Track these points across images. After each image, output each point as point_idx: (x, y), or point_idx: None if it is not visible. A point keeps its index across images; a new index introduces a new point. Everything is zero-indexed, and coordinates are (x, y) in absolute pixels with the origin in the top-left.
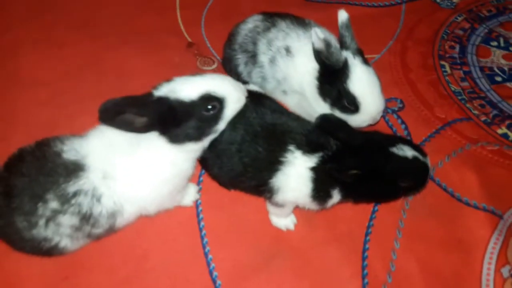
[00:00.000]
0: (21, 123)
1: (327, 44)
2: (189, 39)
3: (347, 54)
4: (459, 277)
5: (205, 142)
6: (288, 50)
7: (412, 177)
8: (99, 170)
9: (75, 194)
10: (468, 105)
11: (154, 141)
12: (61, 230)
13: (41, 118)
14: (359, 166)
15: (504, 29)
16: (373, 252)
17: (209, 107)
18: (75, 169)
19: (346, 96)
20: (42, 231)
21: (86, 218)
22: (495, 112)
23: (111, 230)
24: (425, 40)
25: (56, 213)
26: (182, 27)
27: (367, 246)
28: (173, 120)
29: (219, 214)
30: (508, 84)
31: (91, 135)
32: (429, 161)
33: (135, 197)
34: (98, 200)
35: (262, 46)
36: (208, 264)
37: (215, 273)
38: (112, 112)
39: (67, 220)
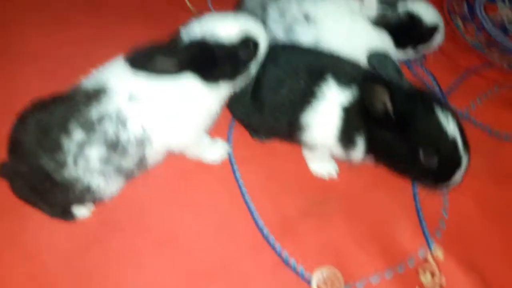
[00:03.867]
0: (26, 96)
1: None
2: (195, 11)
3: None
4: None
5: (238, 81)
6: (306, 17)
7: (437, 154)
8: (124, 91)
9: (99, 119)
10: (487, 53)
11: (184, 76)
12: (91, 166)
13: (46, 90)
14: (394, 103)
15: None
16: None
17: (245, 49)
18: (96, 94)
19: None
20: (73, 170)
21: (113, 146)
22: None
23: (142, 164)
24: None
25: (82, 145)
26: (189, 5)
27: (415, 185)
28: (209, 62)
29: (255, 167)
30: None
31: (112, 61)
32: (466, 161)
33: (161, 123)
34: (124, 124)
35: (273, 13)
36: (253, 215)
37: (260, 223)
38: (142, 59)
39: (95, 152)
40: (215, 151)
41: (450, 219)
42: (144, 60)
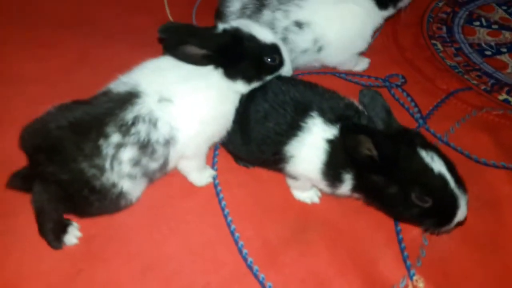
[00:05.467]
0: (15, 119)
1: None
2: None
3: None
4: (493, 233)
5: (251, 86)
6: (299, 24)
7: (428, 194)
8: (154, 93)
9: (134, 121)
10: (466, 76)
11: (207, 74)
12: (122, 169)
13: (36, 114)
14: (377, 148)
15: (483, 10)
16: None
17: (272, 57)
18: (130, 98)
19: None
20: (110, 175)
21: (144, 146)
22: (492, 81)
23: (164, 166)
24: (412, 23)
25: (118, 148)
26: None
27: None
28: (235, 54)
29: (239, 192)
30: (498, 57)
31: (139, 67)
32: (464, 200)
33: (187, 124)
34: (155, 125)
35: None
36: (236, 243)
37: (245, 251)
38: (175, 41)
39: (127, 154)
40: (201, 176)
41: (430, 246)
42: (176, 43)
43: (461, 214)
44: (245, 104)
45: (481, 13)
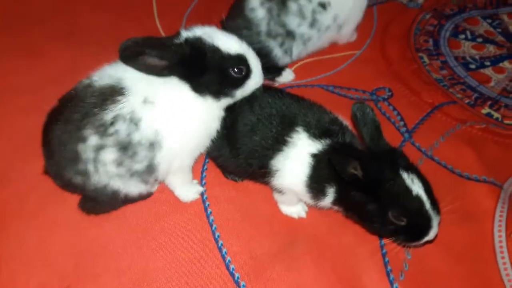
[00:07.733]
0: (4, 130)
1: None
2: None
3: None
4: (473, 247)
5: (221, 103)
6: (323, 5)
7: (405, 216)
8: (139, 93)
9: (113, 121)
10: (451, 90)
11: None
12: (109, 170)
13: (26, 125)
14: (363, 169)
15: (468, 24)
16: None
17: (238, 69)
18: (112, 93)
19: None
20: (98, 177)
21: (124, 147)
22: (476, 95)
23: (151, 170)
24: (399, 36)
25: (98, 150)
26: (163, 34)
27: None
28: (197, 66)
29: (227, 207)
30: (482, 71)
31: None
32: (437, 221)
33: (170, 129)
34: (136, 124)
35: (293, 21)
36: (224, 258)
37: (232, 266)
38: (132, 52)
39: (108, 155)
40: (188, 192)
41: (413, 259)
42: (134, 54)
43: (432, 233)
44: (234, 117)
45: (467, 26)
